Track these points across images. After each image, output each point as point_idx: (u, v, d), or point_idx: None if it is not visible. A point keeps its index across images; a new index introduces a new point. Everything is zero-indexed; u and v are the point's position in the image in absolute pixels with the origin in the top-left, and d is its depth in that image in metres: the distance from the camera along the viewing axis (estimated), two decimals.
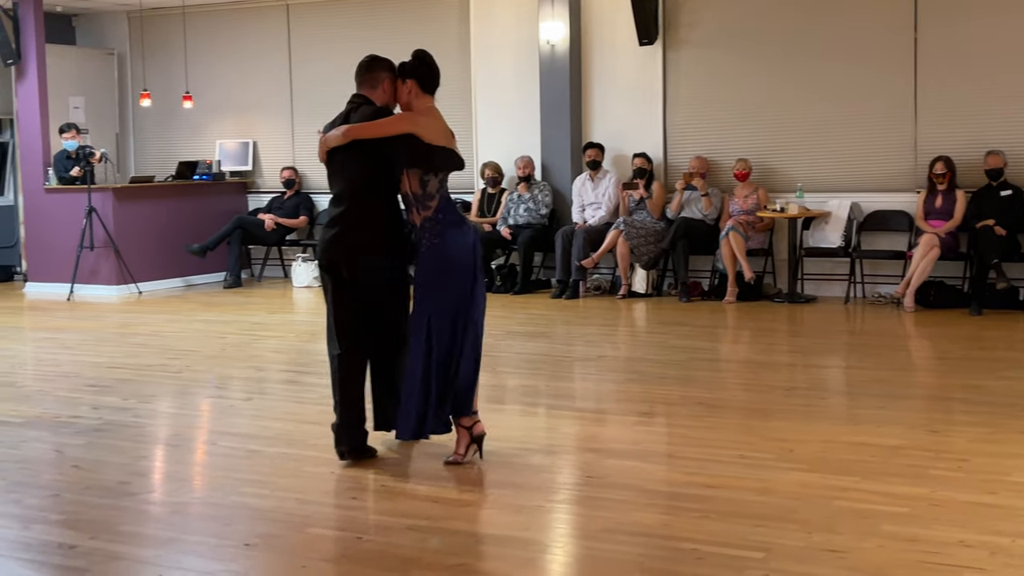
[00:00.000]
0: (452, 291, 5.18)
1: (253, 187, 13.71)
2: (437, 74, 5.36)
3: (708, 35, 11.29)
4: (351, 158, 5.25)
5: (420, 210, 5.17)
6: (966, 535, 4.16)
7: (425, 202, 5.16)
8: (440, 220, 5.16)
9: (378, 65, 5.36)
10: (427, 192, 5.16)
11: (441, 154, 5.20)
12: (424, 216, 5.16)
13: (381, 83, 5.33)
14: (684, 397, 6.75)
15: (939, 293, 9.98)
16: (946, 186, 10.09)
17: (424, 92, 5.31)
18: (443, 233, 5.16)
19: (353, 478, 5.10)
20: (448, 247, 5.16)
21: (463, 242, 5.21)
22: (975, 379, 7.09)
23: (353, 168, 5.28)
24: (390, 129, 5.17)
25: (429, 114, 5.29)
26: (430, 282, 5.17)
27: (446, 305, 5.16)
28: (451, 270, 5.17)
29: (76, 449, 5.74)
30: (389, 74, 5.33)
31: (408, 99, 5.31)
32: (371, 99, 5.33)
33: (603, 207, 11.40)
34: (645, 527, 4.40)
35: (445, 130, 5.30)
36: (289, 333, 9.62)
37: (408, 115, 5.28)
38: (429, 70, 5.33)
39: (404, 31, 12.66)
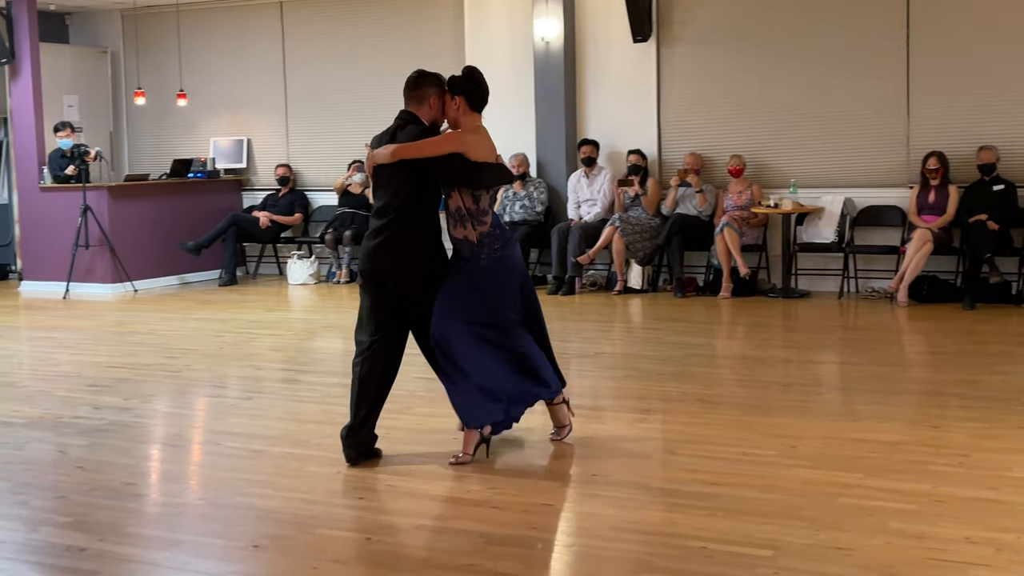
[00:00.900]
0: (519, 295, 5.39)
1: (248, 185, 13.68)
2: (486, 92, 5.38)
3: (702, 32, 11.29)
4: (397, 173, 5.27)
5: (476, 225, 5.26)
6: (971, 532, 4.17)
7: (480, 217, 5.26)
8: (498, 235, 5.30)
9: (425, 81, 5.34)
10: (480, 207, 5.27)
11: (488, 171, 5.28)
12: (480, 231, 5.26)
13: (428, 99, 5.32)
14: (682, 393, 6.75)
15: (932, 288, 10.01)
16: (939, 181, 10.11)
17: (472, 110, 5.33)
18: (504, 247, 5.31)
19: (359, 478, 5.09)
20: (509, 258, 5.34)
21: (517, 253, 5.46)
22: (970, 374, 7.11)
23: (397, 183, 5.29)
24: (437, 149, 5.21)
25: (476, 132, 5.33)
26: (501, 290, 5.33)
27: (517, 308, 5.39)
28: (518, 278, 5.41)
29: (80, 450, 5.72)
30: (436, 90, 5.33)
31: (456, 115, 5.32)
32: (418, 115, 5.34)
33: (598, 204, 11.40)
34: (652, 525, 4.40)
35: (490, 148, 5.37)
36: (286, 331, 9.60)
37: (454, 135, 5.30)
38: (478, 88, 5.34)
39: (399, 29, 12.67)
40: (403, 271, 5.28)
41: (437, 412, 6.21)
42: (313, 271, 12.56)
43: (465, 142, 5.25)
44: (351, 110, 12.96)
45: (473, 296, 5.25)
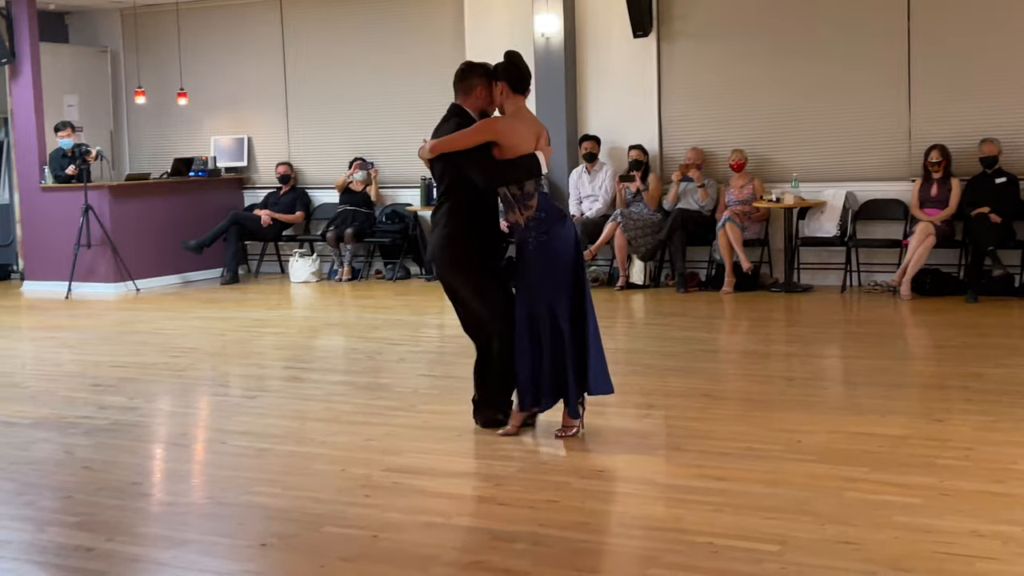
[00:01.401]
0: (565, 281, 5.42)
1: (249, 183, 13.69)
2: (527, 74, 5.49)
3: (702, 27, 11.29)
4: (435, 168, 5.51)
5: (522, 210, 5.38)
6: (978, 525, 4.18)
7: (525, 202, 5.36)
8: (543, 219, 5.37)
9: (472, 72, 5.52)
10: (525, 192, 5.36)
11: (510, 167, 5.32)
12: (527, 216, 5.38)
13: (474, 89, 5.48)
14: (686, 389, 6.76)
15: (935, 281, 10.01)
16: (941, 174, 10.11)
17: (514, 92, 5.43)
18: (549, 230, 5.37)
19: (364, 475, 5.10)
20: (556, 241, 5.39)
21: (568, 235, 5.46)
22: (975, 367, 7.11)
23: (437, 178, 5.54)
24: (470, 140, 5.33)
25: (516, 115, 5.43)
26: (543, 275, 5.38)
27: (563, 294, 5.41)
28: (567, 261, 5.42)
29: (85, 450, 5.73)
30: (482, 79, 5.48)
31: (501, 100, 5.45)
32: (465, 106, 5.50)
33: (600, 199, 11.40)
34: (658, 521, 4.41)
35: (530, 131, 5.43)
36: (289, 329, 9.61)
37: (485, 122, 5.41)
38: (518, 71, 5.45)
39: (399, 25, 12.67)
40: (439, 263, 5.56)
41: (442, 409, 6.23)
42: (315, 269, 12.56)
43: (496, 129, 5.36)
44: (352, 107, 12.97)
45: (528, 280, 5.43)
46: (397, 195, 12.73)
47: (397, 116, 12.59)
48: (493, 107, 5.53)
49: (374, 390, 6.98)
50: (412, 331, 9.19)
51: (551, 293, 5.41)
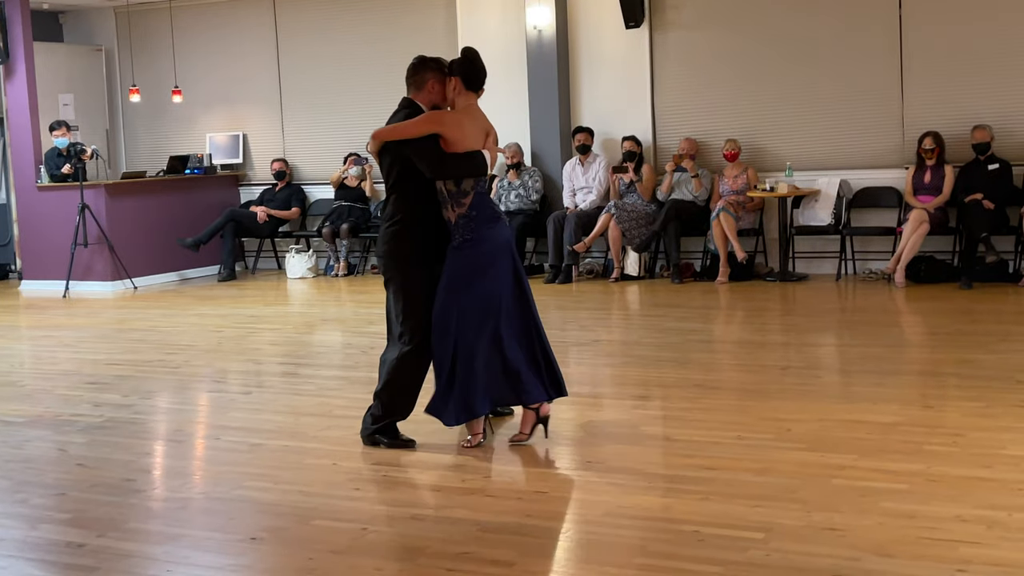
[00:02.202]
0: (486, 286, 5.23)
1: (244, 180, 13.71)
2: (482, 71, 5.38)
3: (694, 17, 11.30)
4: (383, 160, 5.38)
5: (455, 207, 5.23)
6: (963, 510, 4.20)
7: (459, 199, 5.23)
8: (474, 217, 5.23)
9: (424, 67, 5.43)
10: (461, 190, 5.23)
11: (456, 161, 5.22)
12: (459, 213, 5.23)
13: (426, 83, 5.40)
14: (680, 379, 6.78)
15: (929, 268, 10.03)
16: (934, 161, 10.13)
17: (467, 89, 5.35)
18: (476, 229, 5.23)
19: (355, 469, 5.13)
20: (483, 243, 5.23)
21: (498, 237, 5.29)
22: (967, 353, 7.13)
23: (385, 170, 5.40)
24: (415, 130, 5.24)
25: (466, 112, 5.34)
26: (464, 277, 5.22)
27: (478, 299, 5.20)
28: (487, 265, 5.24)
29: (79, 447, 5.76)
30: (434, 74, 5.40)
31: (453, 96, 5.37)
32: (416, 100, 5.41)
33: (594, 191, 11.42)
34: (646, 510, 4.44)
35: (477, 130, 5.33)
36: (285, 325, 9.63)
37: (433, 114, 5.33)
38: (473, 67, 5.36)
39: (392, 21, 12.68)
40: (380, 253, 5.44)
41: None
42: (311, 265, 12.59)
43: (443, 121, 5.27)
44: (346, 102, 12.98)
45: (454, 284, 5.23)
46: None
47: (390, 111, 12.52)
48: (445, 103, 5.43)
49: (367, 385, 6.93)
50: None
51: (466, 298, 5.20)
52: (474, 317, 5.20)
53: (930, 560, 3.76)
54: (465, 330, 5.20)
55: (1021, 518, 4.10)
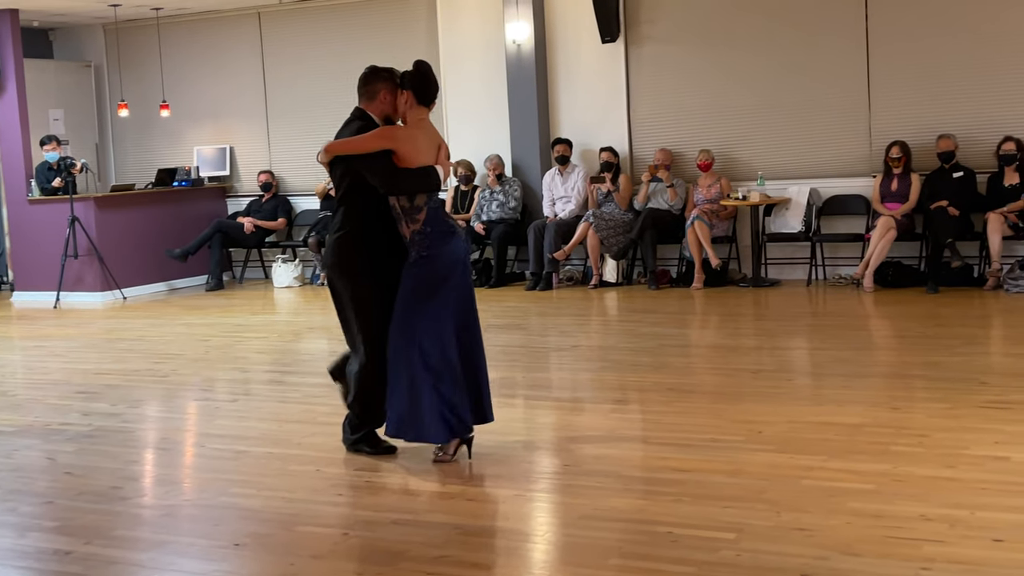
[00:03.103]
0: (443, 301, 5.11)
1: (231, 191, 13.68)
2: (433, 85, 5.24)
3: (668, 31, 11.33)
4: (334, 172, 5.23)
5: (409, 223, 5.09)
6: (927, 509, 4.21)
7: (413, 215, 5.08)
8: (428, 233, 5.08)
9: (376, 77, 5.27)
10: (414, 205, 5.08)
11: (410, 177, 5.08)
12: (413, 229, 5.08)
13: (378, 94, 5.24)
14: (656, 383, 6.79)
15: (897, 273, 10.07)
16: (901, 169, 10.17)
17: (419, 104, 5.20)
18: (431, 245, 5.08)
19: (337, 475, 5.11)
20: (438, 259, 5.10)
21: (452, 253, 5.14)
22: (933, 356, 7.16)
23: (335, 181, 5.27)
24: (367, 145, 5.09)
25: (418, 126, 5.20)
26: (420, 292, 5.08)
27: (436, 314, 5.09)
28: (442, 281, 5.11)
29: (68, 456, 5.73)
30: (386, 84, 5.24)
31: (404, 109, 5.23)
32: (368, 111, 5.27)
33: (573, 201, 11.43)
34: (622, 512, 4.43)
35: (429, 144, 5.20)
36: (272, 334, 9.60)
37: (385, 130, 5.18)
38: (425, 81, 5.20)
39: (373, 36, 12.66)
40: (327, 264, 5.28)
41: None
42: (297, 274, 12.56)
43: (395, 137, 5.12)
44: (330, 115, 12.82)
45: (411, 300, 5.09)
46: None
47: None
48: (397, 114, 5.28)
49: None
50: None
51: (423, 315, 5.05)
52: (432, 335, 5.07)
53: (896, 559, 3.77)
54: (425, 349, 5.05)
55: (983, 516, 4.11)
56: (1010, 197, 9.77)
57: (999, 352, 7.57)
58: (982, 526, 4.02)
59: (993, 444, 5.05)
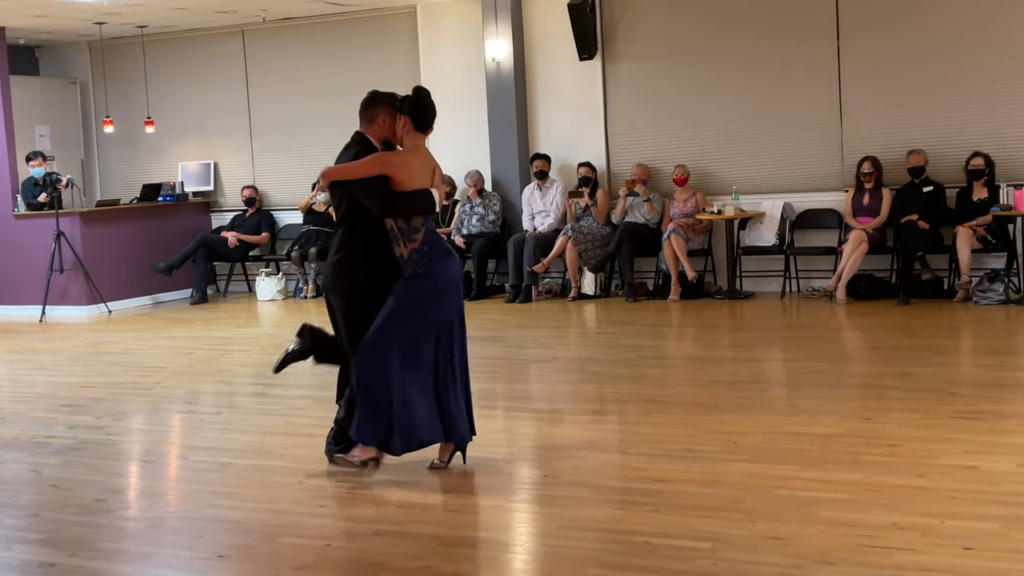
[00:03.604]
0: (438, 317, 5.14)
1: (216, 206, 13.63)
2: (430, 112, 5.24)
3: (644, 49, 11.37)
4: (333, 195, 5.27)
5: (407, 243, 5.11)
6: (899, 518, 4.22)
7: (411, 235, 5.11)
8: (426, 252, 5.11)
9: (376, 102, 5.28)
10: (412, 226, 5.11)
11: (405, 200, 5.09)
12: (411, 248, 5.10)
13: (377, 119, 5.25)
14: (634, 394, 6.80)
15: (869, 285, 10.12)
16: (873, 184, 10.23)
17: (416, 129, 5.21)
18: (429, 264, 5.11)
19: (320, 487, 5.09)
20: (436, 277, 5.13)
21: (449, 272, 5.19)
22: (905, 367, 7.19)
23: (335, 204, 5.30)
24: (363, 171, 5.09)
25: (413, 152, 5.20)
26: (412, 306, 5.10)
27: (422, 328, 5.10)
28: (438, 298, 5.14)
29: (53, 468, 5.69)
30: (385, 109, 5.24)
31: (402, 134, 5.23)
32: (368, 135, 5.28)
33: (551, 215, 11.45)
34: (599, 522, 4.43)
35: (423, 169, 5.19)
36: (255, 346, 9.56)
37: (380, 156, 5.18)
38: (421, 108, 5.21)
39: (356, 53, 12.67)
40: (326, 284, 5.30)
41: None
42: (281, 287, 12.53)
43: (390, 163, 5.12)
44: (313, 131, 12.95)
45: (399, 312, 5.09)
46: None
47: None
48: (394, 137, 5.28)
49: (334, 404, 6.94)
50: None
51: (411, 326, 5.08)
52: (416, 346, 5.09)
53: (868, 567, 3.78)
54: (406, 359, 5.06)
55: (953, 525, 4.13)
56: (979, 211, 9.83)
57: (969, 363, 7.61)
58: (952, 534, 4.04)
59: (963, 454, 5.07)
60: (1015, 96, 10.01)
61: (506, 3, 11.58)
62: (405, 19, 12.37)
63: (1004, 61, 10.03)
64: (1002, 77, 10.04)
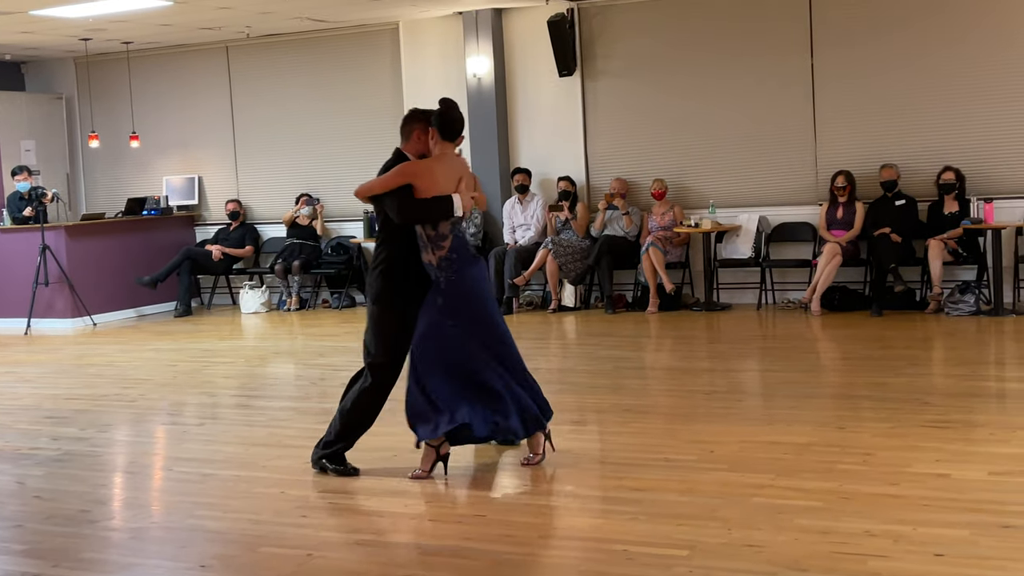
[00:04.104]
0: (477, 319, 5.25)
1: (200, 220, 13.59)
2: (454, 122, 5.34)
3: (622, 66, 11.41)
4: (376, 205, 5.40)
5: (435, 250, 5.21)
6: (872, 525, 4.24)
7: (439, 242, 5.21)
8: (455, 259, 5.22)
9: (411, 119, 5.42)
10: (439, 233, 5.21)
11: (422, 206, 5.18)
12: (440, 255, 5.21)
13: (412, 134, 5.38)
14: (613, 405, 6.80)
15: (843, 297, 10.16)
16: (846, 198, 10.28)
17: (444, 139, 5.32)
18: (460, 270, 5.22)
19: (302, 497, 5.07)
20: (466, 280, 5.24)
21: (477, 276, 5.32)
22: (878, 377, 7.22)
23: (378, 213, 5.42)
24: (388, 183, 5.22)
25: (439, 160, 5.30)
26: (453, 313, 5.20)
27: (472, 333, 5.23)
28: (473, 301, 5.26)
29: (37, 480, 5.65)
30: (419, 124, 5.37)
31: (432, 145, 5.34)
32: (405, 151, 5.40)
33: (532, 228, 11.46)
34: (579, 531, 4.43)
35: (449, 174, 5.28)
36: (239, 358, 9.53)
37: (402, 166, 5.29)
38: (448, 120, 5.32)
39: (339, 69, 12.68)
40: (366, 293, 5.45)
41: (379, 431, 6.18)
42: (264, 300, 12.50)
43: (413, 172, 5.23)
44: (296, 145, 12.95)
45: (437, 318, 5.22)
46: (342, 228, 12.71)
47: (340, 153, 12.59)
48: (429, 151, 5.39)
49: (317, 415, 6.93)
50: (356, 357, 9.01)
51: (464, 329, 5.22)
52: (463, 349, 5.21)
53: (842, 573, 3.79)
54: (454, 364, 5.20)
55: (925, 532, 4.14)
56: (950, 224, 9.90)
57: (940, 373, 7.65)
58: (924, 541, 4.05)
59: (935, 462, 5.09)
60: (985, 112, 10.09)
61: (487, 20, 11.62)
62: (388, 36, 12.38)
63: (974, 78, 10.11)
64: (972, 93, 10.12)
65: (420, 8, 11.42)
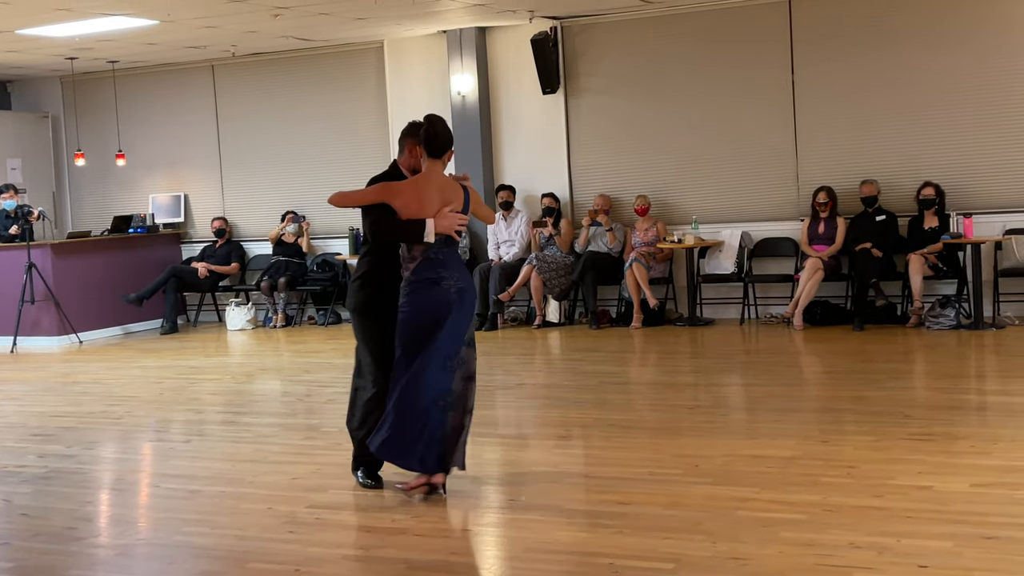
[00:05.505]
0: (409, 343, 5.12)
1: (186, 237, 13.56)
2: (440, 139, 5.19)
3: (605, 83, 11.45)
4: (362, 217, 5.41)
5: (405, 269, 5.19)
6: (856, 537, 4.24)
7: (408, 264, 5.17)
8: (411, 280, 5.14)
9: (406, 133, 5.38)
10: (411, 254, 5.16)
11: (392, 228, 5.13)
12: (406, 276, 5.17)
13: (405, 149, 5.35)
14: (598, 419, 6.79)
15: (825, 312, 10.19)
16: (828, 213, 10.33)
17: (430, 156, 5.20)
18: (411, 294, 5.13)
19: (290, 513, 5.05)
20: (413, 305, 5.11)
21: (429, 302, 5.11)
22: (860, 391, 7.24)
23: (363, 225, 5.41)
24: (365, 198, 5.22)
25: (426, 180, 5.18)
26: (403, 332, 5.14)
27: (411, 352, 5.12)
28: (408, 327, 5.12)
29: (24, 497, 5.61)
30: (411, 139, 5.32)
31: (419, 161, 5.27)
32: (400, 165, 5.38)
33: (516, 244, 11.47)
34: (565, 545, 4.42)
35: (434, 196, 5.14)
36: (225, 375, 9.49)
37: (381, 184, 5.23)
38: (431, 137, 5.18)
39: (324, 87, 12.68)
40: (348, 305, 5.46)
41: None
42: (250, 317, 12.46)
43: (391, 192, 5.15)
44: (282, 163, 12.94)
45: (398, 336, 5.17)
46: (327, 245, 12.70)
47: (325, 171, 12.57)
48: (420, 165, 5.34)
49: (303, 431, 6.93)
50: (342, 373, 9.09)
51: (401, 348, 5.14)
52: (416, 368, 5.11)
53: None
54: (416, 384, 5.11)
55: (909, 544, 4.15)
56: (930, 239, 9.95)
57: (922, 386, 7.68)
58: (908, 552, 4.06)
59: (917, 474, 5.11)
60: (964, 128, 10.16)
61: (471, 39, 11.65)
62: (373, 54, 12.40)
63: (954, 94, 10.18)
64: (952, 110, 10.19)
65: (404, 27, 11.45)
